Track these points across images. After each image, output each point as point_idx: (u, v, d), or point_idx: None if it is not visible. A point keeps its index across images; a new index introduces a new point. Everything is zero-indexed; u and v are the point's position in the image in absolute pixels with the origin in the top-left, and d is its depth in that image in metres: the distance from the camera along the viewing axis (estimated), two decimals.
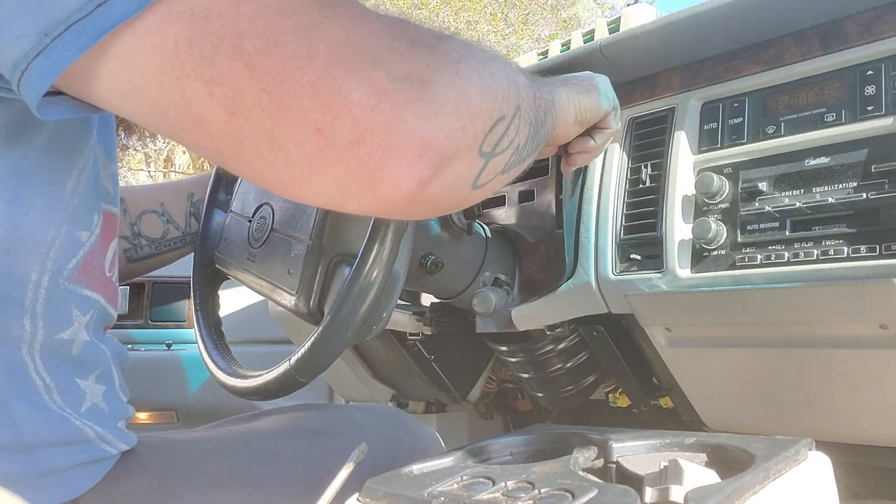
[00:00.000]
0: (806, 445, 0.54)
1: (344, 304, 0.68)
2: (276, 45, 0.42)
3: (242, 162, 0.45)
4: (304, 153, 0.43)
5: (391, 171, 0.44)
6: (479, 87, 0.49)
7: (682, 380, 0.90)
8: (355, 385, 1.48)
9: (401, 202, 0.46)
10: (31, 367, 0.60)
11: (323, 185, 0.45)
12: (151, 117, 0.45)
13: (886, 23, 0.72)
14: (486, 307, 0.92)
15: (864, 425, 0.80)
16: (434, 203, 0.49)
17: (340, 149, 0.43)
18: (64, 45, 0.42)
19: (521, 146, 0.57)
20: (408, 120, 0.44)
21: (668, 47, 0.87)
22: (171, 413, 1.91)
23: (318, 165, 0.43)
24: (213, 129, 0.43)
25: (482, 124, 0.49)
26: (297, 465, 0.78)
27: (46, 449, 0.62)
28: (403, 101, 0.44)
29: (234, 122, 0.42)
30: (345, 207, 0.49)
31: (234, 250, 0.90)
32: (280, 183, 0.46)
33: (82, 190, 0.61)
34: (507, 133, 0.53)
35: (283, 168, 0.44)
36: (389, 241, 0.67)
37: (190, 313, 1.96)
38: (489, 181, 0.54)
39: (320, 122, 0.42)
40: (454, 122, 0.46)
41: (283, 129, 0.42)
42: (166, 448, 0.76)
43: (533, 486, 0.49)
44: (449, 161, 0.46)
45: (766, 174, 0.78)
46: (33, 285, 0.59)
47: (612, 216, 0.87)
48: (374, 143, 0.43)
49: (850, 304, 0.70)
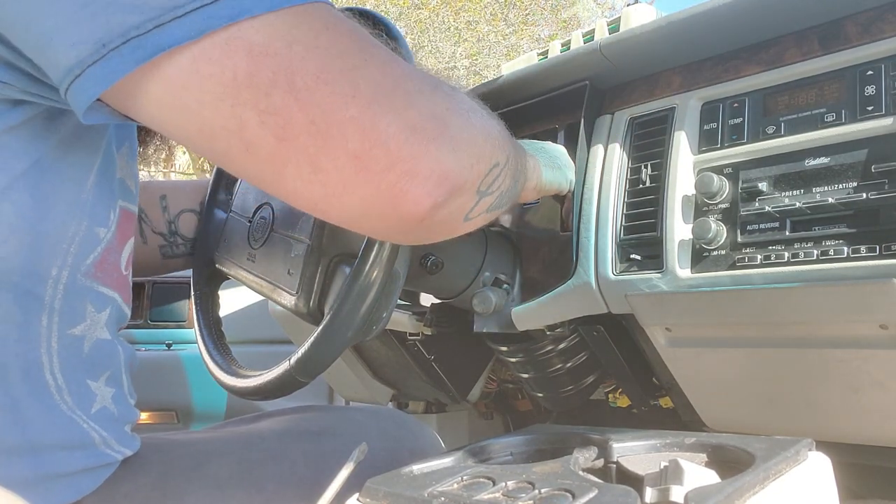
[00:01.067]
0: (806, 445, 0.54)
1: (344, 304, 0.68)
2: (325, 83, 0.47)
3: (281, 182, 0.50)
4: (341, 176, 0.48)
5: (413, 195, 0.50)
6: (483, 135, 0.56)
7: (682, 380, 0.90)
8: (355, 385, 1.48)
9: (413, 223, 0.52)
10: (47, 366, 0.61)
11: (352, 204, 0.50)
12: (198, 139, 0.48)
13: (886, 23, 0.72)
14: (486, 307, 0.92)
15: (865, 425, 0.80)
16: (432, 229, 0.56)
17: (374, 173, 0.48)
18: (120, 58, 0.44)
19: (504, 192, 0.65)
20: (432, 153, 0.50)
21: (668, 47, 0.87)
22: (171, 413, 1.91)
23: (351, 187, 0.49)
24: (260, 154, 0.48)
25: (484, 166, 0.56)
26: (298, 467, 0.78)
27: (54, 452, 0.62)
28: (430, 137, 0.50)
29: (282, 147, 0.47)
30: (361, 226, 0.55)
31: (234, 250, 0.90)
32: (312, 201, 0.51)
33: (101, 186, 0.62)
34: (498, 178, 0.61)
35: (321, 188, 0.49)
36: (389, 242, 0.67)
37: (190, 313, 1.96)
38: (477, 217, 0.61)
39: (359, 151, 0.47)
40: (466, 160, 0.53)
41: (325, 154, 0.47)
42: (168, 449, 0.76)
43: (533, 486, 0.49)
44: (458, 192, 0.53)
45: (766, 174, 0.78)
46: (53, 281, 0.59)
47: (612, 216, 0.87)
48: (403, 170, 0.49)
49: (850, 304, 0.70)
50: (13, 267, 0.56)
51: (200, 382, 1.90)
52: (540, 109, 1.04)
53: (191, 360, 1.91)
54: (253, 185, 0.54)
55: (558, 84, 0.99)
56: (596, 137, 0.93)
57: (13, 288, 0.57)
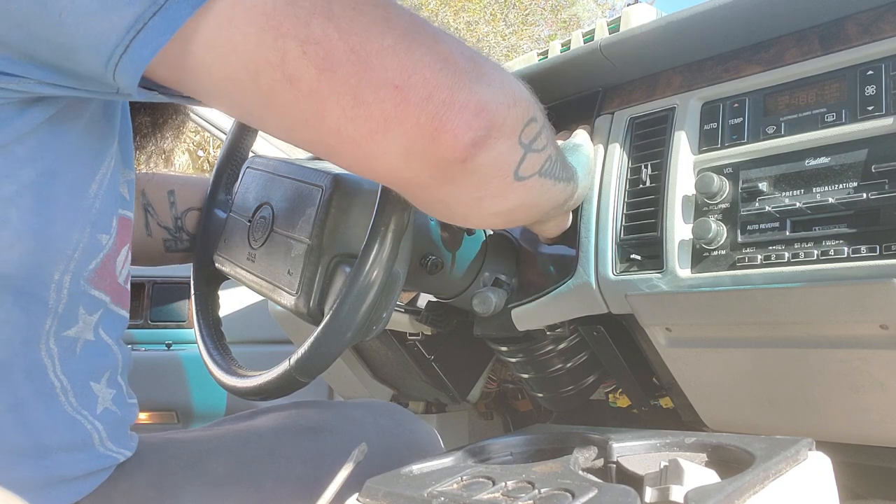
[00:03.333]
0: (806, 445, 0.54)
1: (344, 305, 0.68)
2: (361, 13, 0.48)
3: (324, 121, 0.50)
4: (382, 109, 0.49)
5: (453, 125, 0.50)
6: (515, 83, 0.57)
7: (683, 380, 0.90)
8: (355, 385, 1.48)
9: (457, 162, 0.52)
10: (50, 368, 0.61)
11: (394, 142, 0.50)
12: (245, 77, 0.48)
13: (887, 23, 0.72)
14: (486, 307, 0.92)
15: (865, 425, 0.80)
16: (481, 176, 0.56)
17: (413, 104, 0.49)
18: (178, 4, 0.45)
19: (555, 161, 0.66)
20: (466, 84, 0.51)
21: (668, 47, 0.87)
22: (171, 413, 1.91)
23: (393, 120, 0.49)
24: (303, 87, 0.48)
25: (521, 111, 0.56)
26: (295, 464, 0.78)
27: (57, 454, 0.62)
28: (462, 70, 0.51)
29: (324, 78, 0.48)
30: (405, 173, 0.54)
31: (233, 250, 0.90)
32: (354, 142, 0.51)
33: (103, 194, 0.62)
34: (540, 135, 0.60)
35: (363, 124, 0.49)
36: (389, 242, 0.67)
37: (190, 313, 1.96)
38: (529, 176, 0.61)
39: (398, 80, 0.48)
40: (501, 97, 0.53)
41: (366, 85, 0.48)
42: (165, 447, 0.76)
43: (533, 485, 0.49)
44: (497, 131, 0.53)
45: (767, 174, 0.77)
46: (56, 285, 0.60)
47: (612, 216, 0.87)
48: (441, 99, 0.50)
49: (850, 305, 0.70)
50: (18, 272, 0.57)
51: (200, 382, 1.90)
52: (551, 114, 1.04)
53: (191, 361, 1.91)
54: (296, 135, 0.54)
55: (573, 90, 0.99)
56: (596, 137, 0.92)
57: (17, 291, 0.57)
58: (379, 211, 0.68)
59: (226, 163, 1.00)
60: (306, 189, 0.80)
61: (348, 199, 0.77)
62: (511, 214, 0.65)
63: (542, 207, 0.72)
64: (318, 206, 0.77)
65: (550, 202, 0.72)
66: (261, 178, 0.91)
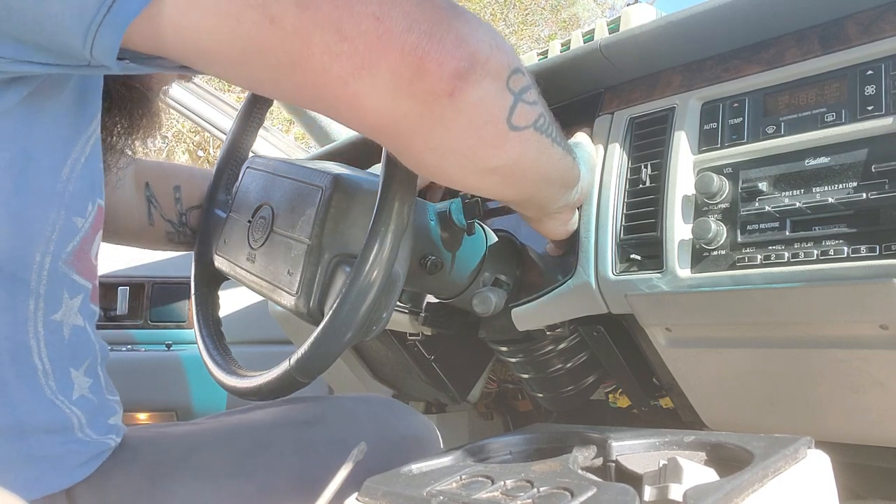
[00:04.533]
0: (805, 444, 0.54)
1: (343, 305, 0.68)
2: None
3: (310, 60, 0.50)
4: (366, 41, 0.49)
5: (435, 55, 0.51)
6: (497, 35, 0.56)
7: (683, 380, 0.90)
8: (355, 385, 1.48)
9: (444, 94, 0.52)
10: (35, 350, 0.62)
11: (380, 77, 0.51)
12: (226, 24, 0.49)
13: (887, 22, 0.72)
14: (486, 308, 0.92)
15: (864, 425, 0.80)
16: (472, 116, 0.55)
17: (395, 36, 0.50)
18: None
19: (550, 121, 0.64)
20: (445, 16, 0.52)
21: (668, 47, 0.87)
22: (170, 413, 1.90)
23: (377, 53, 0.50)
24: (286, 26, 0.49)
25: (505, 57, 0.56)
26: (288, 455, 0.78)
27: (38, 435, 0.63)
28: (441, 6, 0.52)
29: (307, 15, 0.48)
30: (393, 112, 0.53)
31: (233, 250, 0.90)
32: (342, 80, 0.51)
33: (76, 178, 0.63)
34: (530, 89, 0.60)
35: (347, 59, 0.50)
36: (389, 242, 0.67)
37: (190, 314, 1.96)
38: (524, 127, 0.60)
39: (379, 12, 0.49)
40: (482, 35, 0.54)
41: (348, 18, 0.49)
42: (159, 440, 0.77)
43: (532, 484, 0.49)
44: (482, 67, 0.53)
45: (766, 174, 0.78)
46: (37, 266, 0.61)
47: (611, 216, 0.87)
48: (422, 30, 0.50)
49: (850, 305, 0.70)
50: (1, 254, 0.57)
51: (200, 383, 1.90)
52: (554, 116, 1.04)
53: (190, 361, 1.91)
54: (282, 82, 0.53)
55: (573, 90, 0.99)
56: (596, 137, 0.93)
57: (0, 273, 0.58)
58: (378, 211, 0.68)
59: (226, 163, 1.00)
60: (306, 189, 0.80)
61: (348, 200, 0.77)
62: (510, 172, 0.64)
63: (544, 172, 0.70)
64: (317, 206, 0.77)
65: (552, 167, 0.71)
66: (261, 178, 0.91)
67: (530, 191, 0.74)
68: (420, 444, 0.88)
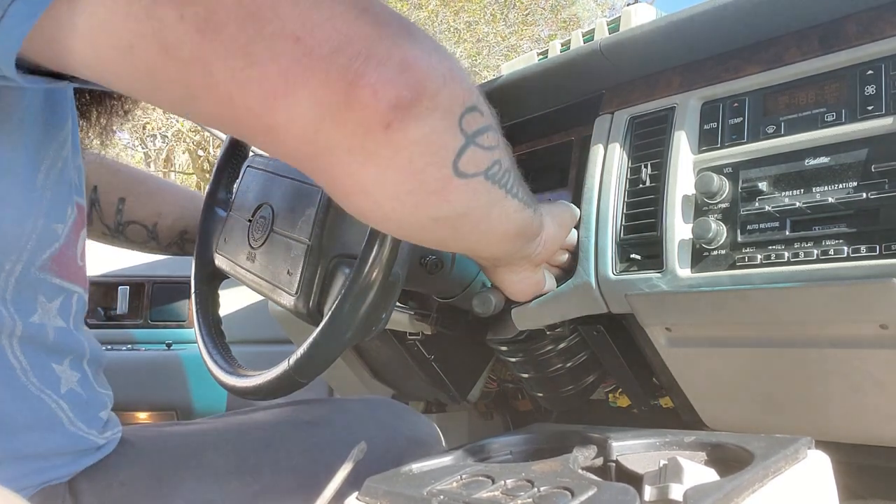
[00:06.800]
0: (805, 444, 0.54)
1: (343, 305, 0.68)
2: None
3: (212, 90, 0.43)
4: (280, 66, 0.41)
5: (370, 79, 0.42)
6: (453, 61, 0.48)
7: (682, 380, 0.90)
8: (355, 384, 1.48)
9: (378, 126, 0.44)
10: (9, 350, 0.61)
11: (299, 106, 0.43)
12: (119, 58, 0.43)
13: (886, 22, 0.72)
14: (486, 307, 0.92)
15: (864, 425, 0.80)
16: (412, 156, 0.47)
17: (319, 58, 0.42)
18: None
19: (507, 170, 0.57)
20: (388, 36, 0.43)
21: (668, 47, 0.87)
22: (171, 413, 1.91)
23: (295, 79, 0.42)
24: (182, 55, 0.41)
25: (460, 90, 0.48)
26: (294, 456, 0.79)
27: (26, 433, 0.63)
28: (385, 22, 0.43)
29: (207, 40, 0.41)
30: (315, 143, 0.45)
31: (233, 249, 0.90)
32: (251, 111, 0.43)
33: (53, 183, 0.62)
34: (487, 132, 0.52)
35: (257, 87, 0.42)
36: (389, 242, 0.67)
37: (190, 313, 1.96)
38: (473, 175, 0.52)
39: (300, 31, 0.41)
40: (434, 61, 0.45)
41: (258, 41, 0.41)
42: (163, 438, 0.77)
43: (532, 484, 0.49)
44: (429, 100, 0.45)
45: (766, 174, 0.78)
46: (6, 274, 0.60)
47: (611, 216, 0.87)
48: (355, 51, 0.42)
49: (849, 304, 0.70)
50: None
51: (200, 382, 1.90)
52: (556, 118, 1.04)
53: (191, 360, 1.91)
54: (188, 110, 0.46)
55: (572, 90, 0.99)
56: (595, 137, 0.93)
57: None
58: None
59: (226, 161, 1.00)
60: (306, 189, 0.80)
61: None
62: (455, 224, 0.55)
63: (495, 227, 0.62)
64: (317, 206, 0.77)
65: (505, 221, 0.62)
66: (261, 178, 0.91)
67: (477, 246, 0.68)
68: (423, 447, 0.88)
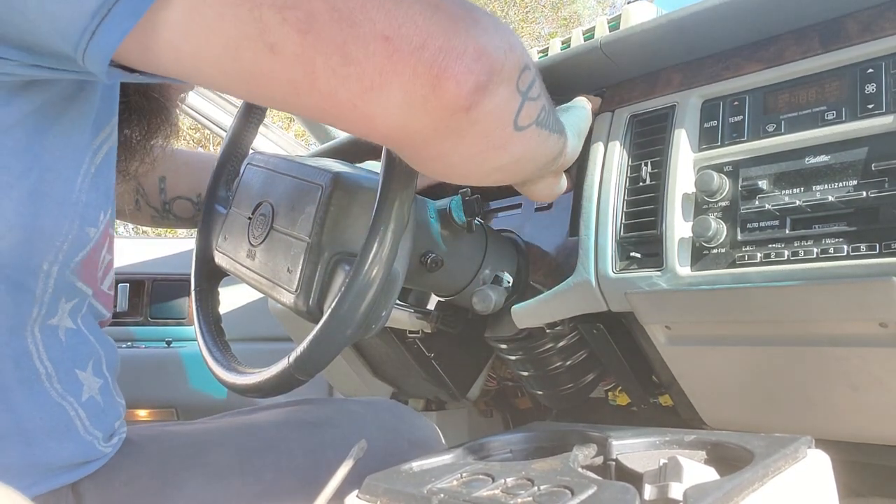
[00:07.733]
0: (805, 443, 0.54)
1: (343, 303, 0.68)
2: None
3: (315, 85, 0.47)
4: (374, 63, 0.47)
5: (454, 71, 0.48)
6: (508, 30, 0.54)
7: (682, 378, 0.90)
8: (355, 382, 1.48)
9: (461, 110, 0.50)
10: (35, 354, 0.62)
11: (392, 97, 0.48)
12: (225, 57, 0.47)
13: (887, 21, 0.72)
14: (486, 305, 0.92)
15: (864, 423, 0.80)
16: (485, 126, 0.53)
17: (407, 54, 0.47)
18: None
19: (548, 111, 0.63)
20: (462, 29, 0.49)
21: (668, 45, 0.87)
22: (170, 410, 1.91)
23: (388, 74, 0.47)
24: (287, 53, 0.46)
25: (517, 57, 0.54)
26: (296, 456, 0.79)
27: (41, 438, 0.63)
28: (456, 15, 0.49)
29: (308, 40, 0.46)
30: (406, 128, 0.51)
31: (233, 247, 0.90)
32: (351, 102, 0.48)
33: (89, 188, 0.63)
34: (534, 83, 0.58)
35: (356, 82, 0.47)
36: (389, 240, 0.67)
37: (190, 310, 1.96)
38: (527, 126, 0.58)
39: (388, 31, 0.46)
40: (499, 42, 0.51)
41: (354, 41, 0.46)
42: (166, 438, 0.77)
43: (532, 482, 0.49)
44: (498, 76, 0.51)
45: (767, 172, 0.77)
46: (44, 275, 0.61)
47: (611, 214, 0.87)
48: (437, 46, 0.47)
49: (849, 303, 0.70)
50: (9, 261, 0.58)
51: (200, 380, 1.90)
52: None
53: (190, 358, 1.91)
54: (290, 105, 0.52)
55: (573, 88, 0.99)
56: (596, 135, 0.92)
57: (7, 280, 0.59)
58: (378, 209, 0.68)
59: (226, 159, 1.00)
60: (306, 187, 0.80)
61: (348, 198, 0.77)
62: (511, 168, 0.63)
63: (538, 161, 0.70)
64: (317, 204, 0.77)
65: (545, 155, 0.70)
66: (261, 175, 0.91)
67: (526, 177, 0.75)
68: (425, 450, 0.89)
